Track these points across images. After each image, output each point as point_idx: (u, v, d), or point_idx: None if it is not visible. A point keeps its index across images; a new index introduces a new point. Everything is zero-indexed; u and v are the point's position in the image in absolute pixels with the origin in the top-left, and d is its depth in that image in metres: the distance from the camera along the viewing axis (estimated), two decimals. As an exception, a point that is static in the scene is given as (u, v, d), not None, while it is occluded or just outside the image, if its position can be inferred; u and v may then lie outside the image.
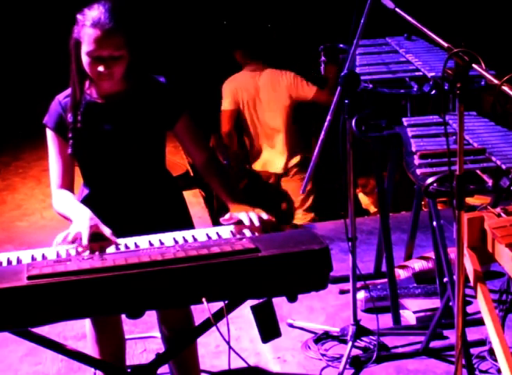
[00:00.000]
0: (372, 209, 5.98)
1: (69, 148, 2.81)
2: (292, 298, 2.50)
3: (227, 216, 2.72)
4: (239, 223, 2.70)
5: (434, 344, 3.51)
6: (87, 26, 2.67)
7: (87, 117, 2.79)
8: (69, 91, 2.82)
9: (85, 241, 2.54)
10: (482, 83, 3.43)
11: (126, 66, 2.74)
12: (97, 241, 2.59)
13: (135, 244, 2.59)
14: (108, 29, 2.66)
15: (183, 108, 2.88)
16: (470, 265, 2.64)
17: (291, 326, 3.77)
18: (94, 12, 2.69)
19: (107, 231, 2.62)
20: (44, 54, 7.66)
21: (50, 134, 2.85)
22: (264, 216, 2.68)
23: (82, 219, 2.63)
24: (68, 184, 2.86)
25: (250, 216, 2.66)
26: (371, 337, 3.53)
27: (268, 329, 2.57)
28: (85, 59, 2.71)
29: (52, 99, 2.87)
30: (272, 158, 6.02)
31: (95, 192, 2.88)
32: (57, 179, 2.85)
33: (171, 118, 2.86)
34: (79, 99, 2.78)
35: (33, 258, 2.51)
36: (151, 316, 3.02)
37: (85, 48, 2.69)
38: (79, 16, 2.72)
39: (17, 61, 8.11)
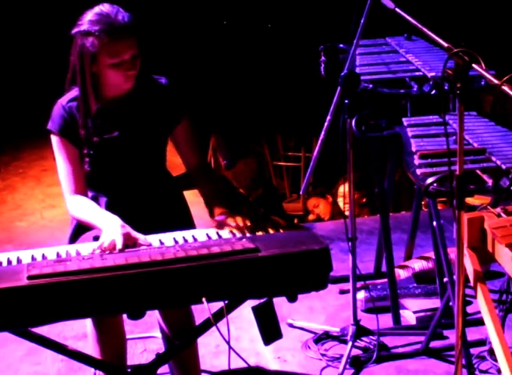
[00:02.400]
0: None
1: (86, 165, 2.78)
2: (292, 298, 2.50)
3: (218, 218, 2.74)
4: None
5: (434, 344, 3.51)
6: (104, 35, 2.64)
7: (94, 125, 2.79)
8: (71, 94, 2.80)
9: (119, 246, 2.52)
10: (482, 83, 3.43)
11: None
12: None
13: (135, 244, 2.59)
14: (124, 33, 2.66)
15: (185, 110, 2.89)
16: (470, 265, 2.64)
17: (291, 326, 3.77)
18: (103, 20, 2.65)
19: (140, 237, 2.60)
20: (44, 54, 7.66)
21: (56, 139, 2.80)
22: (247, 223, 2.69)
23: (114, 228, 2.59)
24: (81, 189, 2.81)
25: (236, 220, 2.68)
26: (371, 337, 3.53)
27: (270, 330, 2.58)
28: (107, 69, 2.69)
29: (53, 103, 2.82)
30: None
31: (97, 194, 2.88)
32: (69, 185, 2.80)
33: (173, 119, 2.87)
34: (94, 111, 2.76)
35: (33, 258, 2.51)
36: (151, 316, 3.02)
37: (107, 58, 2.67)
38: (84, 28, 2.67)
39: (17, 61, 8.11)
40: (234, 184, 6.28)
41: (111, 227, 2.60)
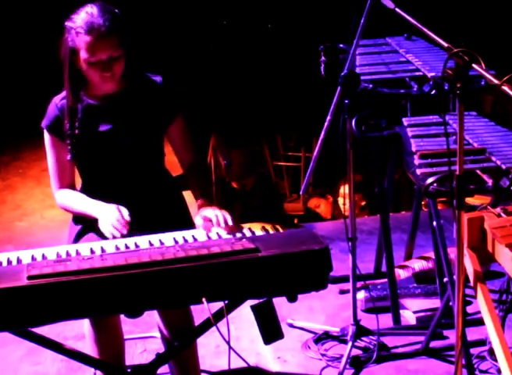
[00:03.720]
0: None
1: (68, 153, 2.82)
2: (292, 298, 2.50)
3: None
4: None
5: (434, 344, 3.50)
6: (82, 33, 2.67)
7: (84, 120, 2.80)
8: (65, 93, 2.83)
9: (127, 217, 2.66)
10: (482, 83, 3.43)
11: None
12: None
13: (135, 244, 2.59)
14: (103, 32, 2.67)
15: (179, 109, 2.89)
16: (470, 265, 2.63)
17: (291, 326, 3.77)
18: (86, 18, 2.69)
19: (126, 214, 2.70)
20: (44, 54, 7.64)
21: (48, 137, 2.87)
22: (229, 221, 2.70)
23: (108, 211, 2.69)
24: (68, 184, 2.89)
25: (218, 217, 2.68)
26: (371, 337, 3.53)
27: (270, 330, 2.58)
28: (85, 66, 2.72)
29: (49, 101, 2.87)
30: None
31: (95, 193, 2.88)
32: (57, 181, 2.88)
33: (166, 118, 2.87)
34: (75, 106, 2.79)
35: (33, 258, 2.51)
36: (151, 316, 3.02)
37: (84, 56, 2.70)
38: (69, 24, 2.72)
39: (17, 61, 8.11)
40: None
41: (106, 212, 2.69)
